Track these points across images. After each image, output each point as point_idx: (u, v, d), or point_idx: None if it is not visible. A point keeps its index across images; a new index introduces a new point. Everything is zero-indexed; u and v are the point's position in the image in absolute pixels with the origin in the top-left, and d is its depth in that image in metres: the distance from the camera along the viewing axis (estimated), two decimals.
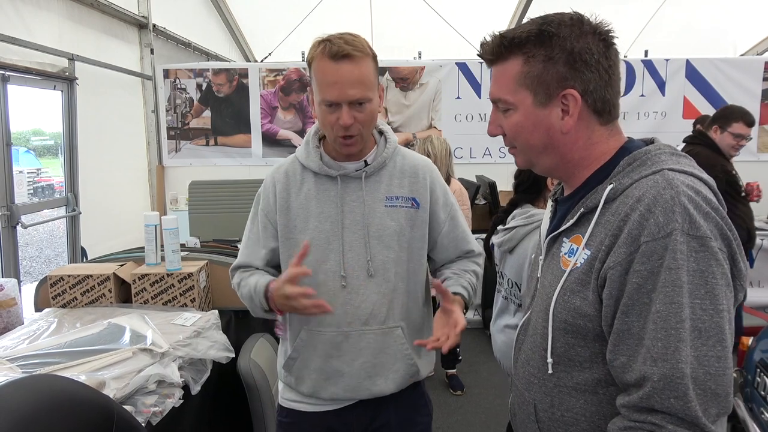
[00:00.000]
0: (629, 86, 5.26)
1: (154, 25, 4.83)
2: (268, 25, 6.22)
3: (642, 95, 5.27)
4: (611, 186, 0.82)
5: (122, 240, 3.99)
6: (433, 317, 1.37)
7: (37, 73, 3.42)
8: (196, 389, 1.58)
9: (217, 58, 6.05)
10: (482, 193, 4.22)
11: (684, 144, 3.20)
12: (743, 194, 3.00)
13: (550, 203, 0.99)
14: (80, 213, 3.96)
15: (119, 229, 4.46)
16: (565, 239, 0.87)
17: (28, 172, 8.99)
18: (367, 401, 1.33)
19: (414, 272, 1.34)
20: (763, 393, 2.07)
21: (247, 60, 6.66)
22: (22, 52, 3.28)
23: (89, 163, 3.98)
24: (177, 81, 5.10)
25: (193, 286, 2.04)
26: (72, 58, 3.74)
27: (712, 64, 5.24)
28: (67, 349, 1.55)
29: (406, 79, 5.06)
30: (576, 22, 0.85)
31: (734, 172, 2.96)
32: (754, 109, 5.25)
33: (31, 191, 8.50)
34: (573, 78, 0.83)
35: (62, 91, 3.78)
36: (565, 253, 0.86)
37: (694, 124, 4.95)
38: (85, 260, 3.80)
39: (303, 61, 5.52)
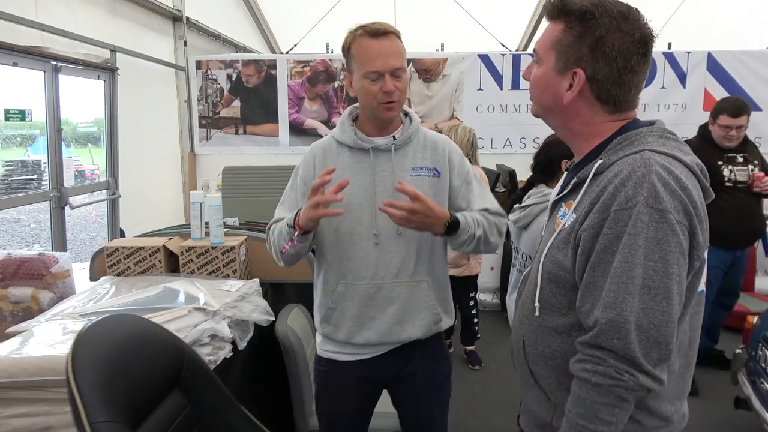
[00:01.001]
0: (650, 78, 5.30)
1: (188, 18, 5.04)
2: (293, 17, 6.39)
3: (663, 87, 5.30)
4: (600, 161, 0.95)
5: (157, 223, 4.22)
6: (447, 274, 1.58)
7: (84, 64, 3.65)
8: (242, 345, 1.77)
9: (245, 49, 6.24)
10: (502, 181, 4.35)
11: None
12: (731, 185, 2.98)
13: (565, 173, 1.13)
14: (120, 196, 4.20)
15: (154, 212, 4.70)
16: (562, 204, 1.02)
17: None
18: (395, 351, 1.51)
19: None
20: (763, 365, 2.19)
21: (273, 51, 6.85)
22: (69, 44, 3.51)
23: (126, 149, 4.20)
24: (208, 72, 5.32)
25: (234, 258, 2.24)
26: (114, 50, 3.97)
27: (734, 57, 5.25)
28: (130, 308, 1.75)
29: (429, 71, 5.19)
30: (621, 16, 0.93)
31: (719, 163, 2.99)
32: None
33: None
34: (588, 61, 0.94)
35: (105, 80, 4.01)
36: (560, 216, 1.01)
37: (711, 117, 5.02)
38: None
39: (328, 52, 5.71)
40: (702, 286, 0.97)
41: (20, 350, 1.33)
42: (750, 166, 3.04)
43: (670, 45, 5.66)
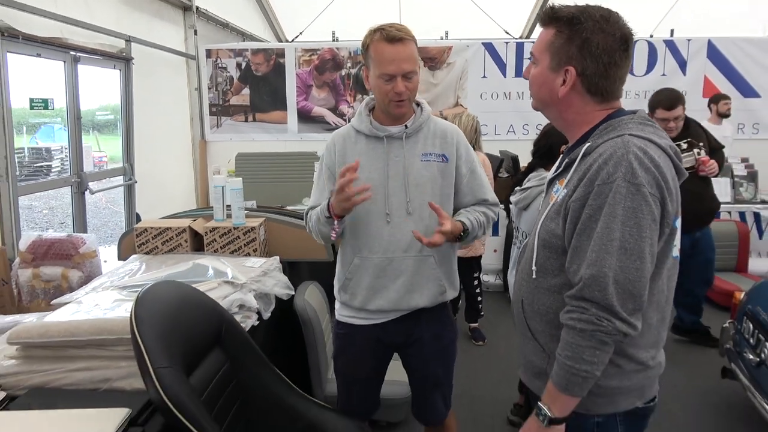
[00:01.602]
0: (651, 66, 5.40)
1: (197, 8, 5.15)
2: (299, 5, 6.48)
3: (663, 74, 5.38)
4: (588, 144, 1.10)
5: (170, 208, 4.37)
6: (456, 251, 1.75)
7: (101, 54, 3.79)
8: (267, 315, 1.94)
9: (252, 37, 6.35)
10: (505, 166, 4.48)
11: None
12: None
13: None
14: (136, 182, 4.36)
15: (166, 197, 4.85)
16: (556, 181, 1.17)
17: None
18: (404, 318, 1.68)
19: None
20: (747, 336, 2.36)
21: (279, 39, 6.96)
22: (88, 34, 3.64)
23: (140, 137, 4.34)
24: (218, 60, 5.44)
25: (255, 238, 2.40)
26: (128, 40, 4.09)
27: (734, 44, 5.32)
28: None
29: (434, 59, 5.31)
30: (603, 19, 1.07)
31: None
32: None
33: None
34: (577, 59, 1.09)
35: (120, 70, 4.14)
36: (554, 191, 1.16)
37: (709, 104, 5.14)
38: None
39: (333, 40, 5.83)
40: (676, 252, 1.12)
41: (76, 316, 1.50)
42: (695, 150, 3.07)
43: (672, 32, 5.75)
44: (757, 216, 4.38)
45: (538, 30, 1.18)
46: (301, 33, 6.55)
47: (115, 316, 1.44)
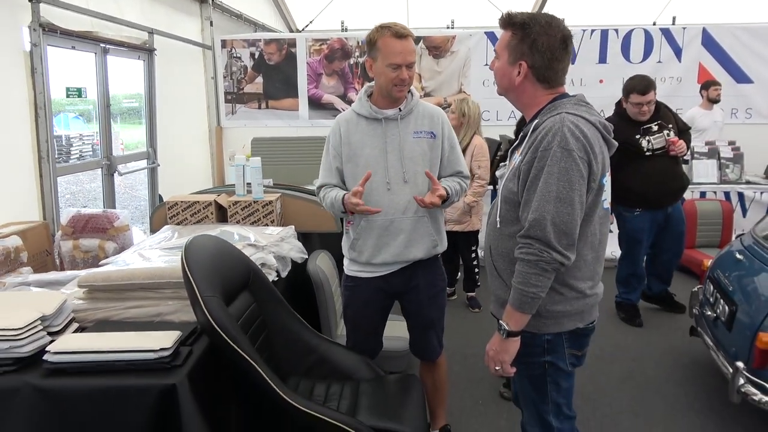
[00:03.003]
0: (647, 53, 5.59)
1: (213, 0, 5.44)
2: None
3: (659, 61, 5.57)
4: (536, 121, 1.40)
5: (188, 189, 4.69)
6: (443, 212, 2.08)
7: (128, 46, 4.10)
8: (284, 273, 2.26)
9: (263, 27, 6.63)
10: (503, 149, 4.75)
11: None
12: (650, 153, 3.26)
13: None
14: (159, 165, 4.68)
15: (185, 180, 5.15)
16: (516, 151, 1.48)
17: (86, 136, 9.77)
18: (404, 269, 1.99)
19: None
20: (708, 297, 2.65)
21: (290, 29, 7.23)
22: (115, 28, 3.94)
23: (161, 124, 4.65)
24: (233, 50, 5.74)
25: (272, 210, 2.72)
26: (151, 32, 4.39)
27: (728, 31, 5.48)
28: None
29: (438, 48, 5.56)
30: (546, 24, 1.38)
31: (637, 137, 3.29)
32: (767, 74, 5.56)
33: (90, 152, 9.26)
34: (528, 55, 1.39)
35: (144, 60, 4.45)
36: (513, 159, 1.46)
37: (700, 90, 5.34)
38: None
39: (342, 30, 6.10)
40: (606, 204, 1.42)
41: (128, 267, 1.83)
42: (665, 131, 3.30)
43: (674, 19, 5.94)
44: (741, 196, 4.61)
45: (548, 8, 1.48)
46: (311, 22, 6.82)
47: (163, 266, 1.76)
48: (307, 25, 6.85)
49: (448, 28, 5.90)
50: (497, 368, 1.44)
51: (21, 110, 3.09)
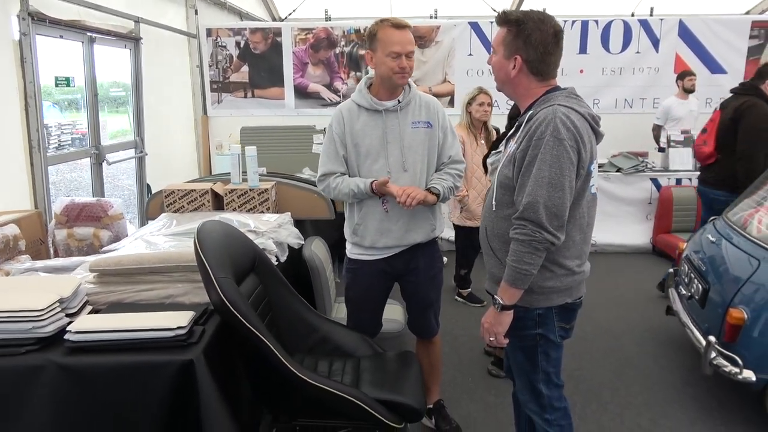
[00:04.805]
0: (626, 44, 5.75)
1: None
2: None
3: (637, 52, 5.74)
4: (530, 112, 1.51)
5: (175, 179, 4.70)
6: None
7: (114, 35, 4.09)
8: (283, 258, 2.34)
9: (248, 16, 6.61)
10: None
11: (734, 95, 3.45)
12: None
13: None
14: (146, 154, 4.68)
15: (172, 169, 5.16)
16: (511, 139, 1.58)
17: (65, 125, 9.62)
18: (404, 252, 2.09)
19: (430, 168, 2.10)
20: (683, 277, 2.81)
21: (273, 17, 7.22)
22: (101, 16, 3.93)
23: (146, 113, 4.64)
24: (218, 39, 5.73)
25: (268, 198, 2.79)
26: (137, 21, 4.38)
27: (703, 23, 5.67)
28: None
29: (423, 38, 5.63)
30: (539, 21, 1.48)
31: None
32: (740, 65, 5.78)
33: (69, 142, 9.13)
34: (522, 50, 1.50)
35: (130, 49, 4.44)
36: (509, 147, 1.57)
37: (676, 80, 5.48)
38: (149, 195, 4.52)
39: (326, 19, 6.12)
40: (594, 190, 1.54)
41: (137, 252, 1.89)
42: None
43: (652, 10, 6.10)
44: None
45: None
46: (294, 11, 6.82)
47: (171, 250, 1.83)
48: (290, 14, 6.85)
49: (431, 17, 5.97)
50: (491, 339, 1.56)
51: (11, 99, 3.09)
